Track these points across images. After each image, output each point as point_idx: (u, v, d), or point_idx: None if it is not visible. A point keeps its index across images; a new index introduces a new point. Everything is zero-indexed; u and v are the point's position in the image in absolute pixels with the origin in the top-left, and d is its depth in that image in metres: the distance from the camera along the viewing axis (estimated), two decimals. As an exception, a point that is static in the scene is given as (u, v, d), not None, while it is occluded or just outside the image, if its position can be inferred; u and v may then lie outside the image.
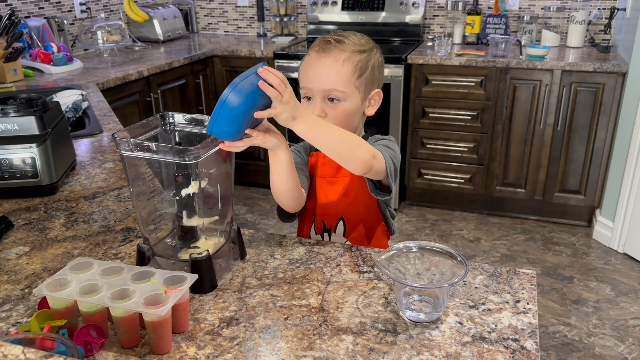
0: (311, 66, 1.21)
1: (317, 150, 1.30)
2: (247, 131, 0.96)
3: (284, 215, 1.28)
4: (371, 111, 1.27)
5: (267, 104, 0.94)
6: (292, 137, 1.12)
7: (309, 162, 1.32)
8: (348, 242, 1.31)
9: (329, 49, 1.20)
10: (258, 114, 0.94)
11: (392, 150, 1.21)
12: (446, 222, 3.33)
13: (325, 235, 1.33)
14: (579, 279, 2.73)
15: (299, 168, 1.25)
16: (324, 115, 1.19)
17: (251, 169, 3.74)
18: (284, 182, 1.12)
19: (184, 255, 1.00)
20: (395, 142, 1.29)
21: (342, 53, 1.19)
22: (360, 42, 1.23)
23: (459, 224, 3.31)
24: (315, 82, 1.19)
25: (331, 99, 1.20)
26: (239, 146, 0.97)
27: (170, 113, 1.08)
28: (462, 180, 3.32)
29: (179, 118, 1.08)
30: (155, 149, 0.94)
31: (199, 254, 0.98)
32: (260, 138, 0.99)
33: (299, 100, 1.23)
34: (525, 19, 3.42)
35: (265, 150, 2.83)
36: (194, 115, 1.08)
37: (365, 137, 1.29)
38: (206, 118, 1.06)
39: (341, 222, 1.31)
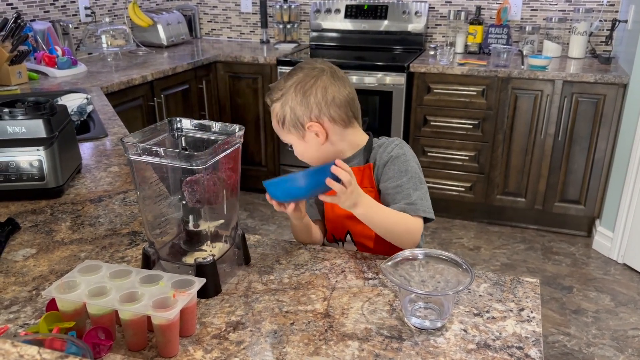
0: None
1: None
2: (286, 203, 1.14)
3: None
4: (323, 141, 1.26)
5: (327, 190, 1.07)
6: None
7: None
8: (354, 249, 1.31)
9: (268, 103, 1.32)
10: (322, 197, 1.09)
11: (424, 188, 1.25)
12: (446, 230, 3.34)
13: (339, 244, 1.35)
14: (579, 289, 2.73)
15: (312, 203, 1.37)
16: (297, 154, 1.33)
17: (252, 175, 3.75)
18: (301, 235, 1.27)
19: (189, 259, 1.01)
20: (410, 151, 1.29)
21: (273, 107, 1.29)
22: (278, 88, 1.28)
23: (459, 232, 3.32)
24: None
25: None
26: (274, 205, 1.13)
27: (178, 119, 1.09)
28: (463, 189, 3.33)
29: (186, 124, 1.09)
30: (163, 154, 0.95)
31: (203, 258, 0.98)
32: (291, 211, 1.14)
33: None
34: (527, 29, 3.44)
35: (267, 156, 2.92)
36: (202, 121, 1.09)
37: (369, 142, 1.30)
38: (213, 124, 1.07)
39: (349, 235, 1.32)
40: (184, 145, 1.10)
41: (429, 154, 3.31)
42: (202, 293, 0.98)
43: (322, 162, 1.25)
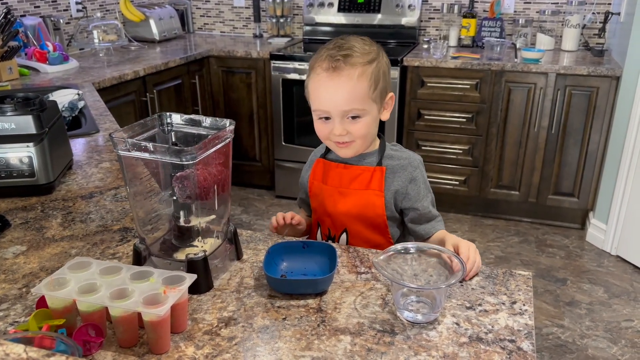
0: (324, 88, 1.17)
1: (327, 155, 1.33)
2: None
3: None
4: (386, 115, 1.24)
5: None
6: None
7: (312, 170, 1.34)
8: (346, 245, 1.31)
9: (339, 67, 1.14)
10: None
11: (432, 196, 1.30)
12: (441, 224, 3.34)
13: (329, 241, 1.34)
14: (573, 281, 2.75)
15: (305, 202, 1.39)
16: (345, 133, 1.18)
17: (246, 170, 3.74)
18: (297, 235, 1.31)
19: (181, 255, 1.01)
20: (422, 164, 1.30)
21: (353, 69, 1.14)
22: (366, 49, 1.18)
23: (454, 225, 3.32)
24: (332, 104, 1.16)
25: (353, 116, 1.17)
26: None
27: (168, 113, 1.08)
28: (457, 182, 3.33)
29: (176, 118, 1.08)
30: (152, 149, 0.94)
31: (195, 254, 0.98)
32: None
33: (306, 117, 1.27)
34: (520, 22, 3.44)
35: (261, 151, 2.89)
36: (192, 116, 1.08)
37: (383, 143, 1.28)
38: (204, 119, 1.07)
39: (344, 234, 1.30)
40: (174, 140, 1.09)
41: (423, 147, 3.31)
42: (194, 289, 0.97)
43: (366, 147, 1.25)
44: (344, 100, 1.15)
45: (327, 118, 1.19)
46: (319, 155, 1.35)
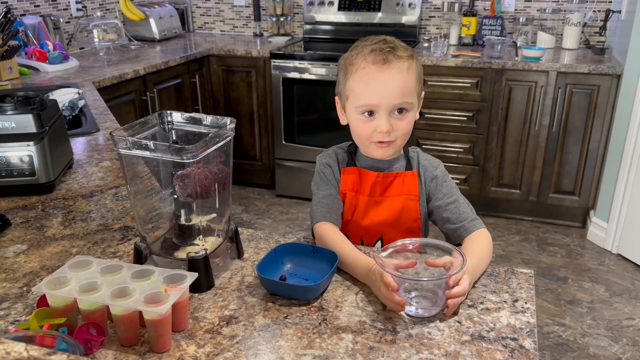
0: (373, 80, 1.12)
1: (354, 165, 1.26)
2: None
3: None
4: (417, 115, 1.21)
5: None
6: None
7: (342, 180, 1.26)
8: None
9: (389, 60, 1.12)
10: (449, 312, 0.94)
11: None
12: (441, 223, 3.34)
13: None
14: (574, 280, 2.74)
15: (337, 205, 1.23)
16: (392, 130, 1.14)
17: (247, 169, 3.74)
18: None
19: (182, 254, 1.00)
20: (442, 165, 1.29)
21: (402, 62, 1.13)
22: (404, 45, 1.17)
23: (454, 224, 3.31)
24: (384, 97, 1.12)
25: (400, 110, 1.14)
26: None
27: (168, 112, 1.08)
28: (458, 181, 3.33)
29: (177, 117, 1.08)
30: (153, 148, 0.94)
31: (196, 253, 0.98)
32: None
33: (337, 106, 1.23)
34: (521, 20, 3.43)
35: (261, 150, 2.85)
36: (193, 114, 1.08)
37: (405, 149, 1.26)
38: (204, 117, 1.06)
39: (379, 242, 1.27)
40: (174, 138, 1.09)
41: (423, 146, 3.31)
42: (195, 287, 0.97)
43: (401, 149, 1.22)
44: (396, 93, 1.12)
45: (370, 114, 1.15)
46: (341, 163, 1.28)
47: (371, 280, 0.98)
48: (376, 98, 1.13)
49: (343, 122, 1.24)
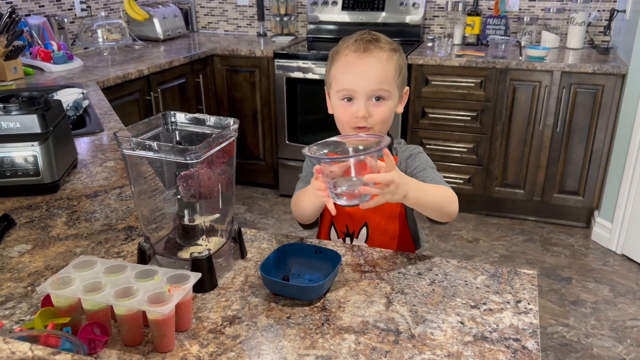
0: (353, 66, 1.18)
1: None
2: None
3: (305, 226, 1.30)
4: (401, 108, 1.27)
5: None
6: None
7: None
8: (353, 243, 1.30)
9: (369, 49, 1.18)
10: (364, 205, 0.97)
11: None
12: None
13: (347, 239, 1.32)
14: (578, 280, 2.74)
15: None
16: (368, 115, 1.18)
17: (250, 169, 3.74)
18: (313, 213, 1.20)
19: (185, 254, 1.01)
20: (422, 150, 1.31)
21: (382, 52, 1.18)
22: (389, 40, 1.23)
23: (458, 224, 3.32)
24: (361, 82, 1.17)
25: (377, 98, 1.19)
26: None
27: (172, 112, 1.08)
28: (461, 181, 3.32)
29: (180, 117, 1.08)
30: (156, 148, 0.94)
31: (199, 253, 0.98)
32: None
33: (326, 96, 1.27)
34: (525, 20, 3.43)
35: (265, 150, 2.83)
36: (196, 115, 1.08)
37: (391, 143, 1.28)
38: (208, 117, 1.07)
39: (365, 228, 1.29)
40: (178, 139, 1.09)
41: (427, 146, 3.31)
42: (198, 287, 0.97)
43: (381, 132, 1.24)
44: (372, 79, 1.17)
45: (349, 100, 1.20)
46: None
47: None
48: (353, 83, 1.18)
49: (330, 110, 1.30)
